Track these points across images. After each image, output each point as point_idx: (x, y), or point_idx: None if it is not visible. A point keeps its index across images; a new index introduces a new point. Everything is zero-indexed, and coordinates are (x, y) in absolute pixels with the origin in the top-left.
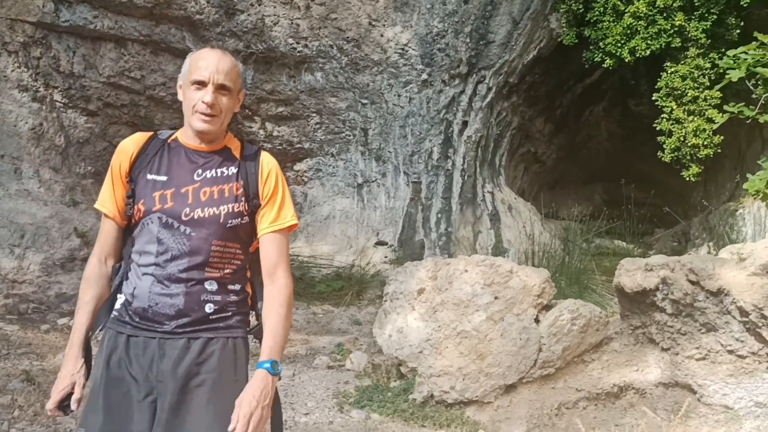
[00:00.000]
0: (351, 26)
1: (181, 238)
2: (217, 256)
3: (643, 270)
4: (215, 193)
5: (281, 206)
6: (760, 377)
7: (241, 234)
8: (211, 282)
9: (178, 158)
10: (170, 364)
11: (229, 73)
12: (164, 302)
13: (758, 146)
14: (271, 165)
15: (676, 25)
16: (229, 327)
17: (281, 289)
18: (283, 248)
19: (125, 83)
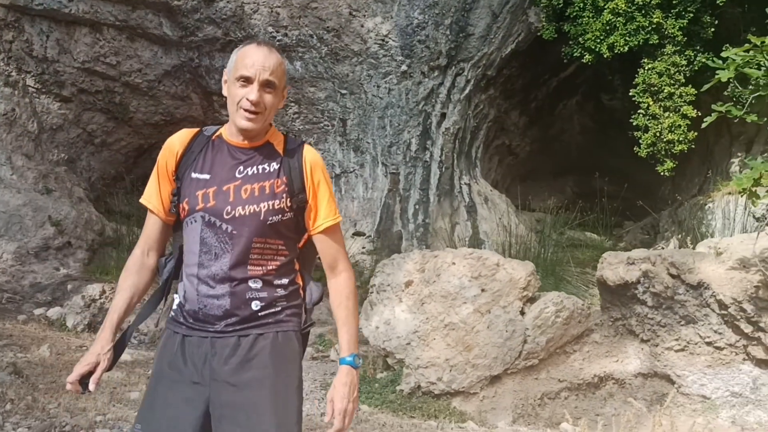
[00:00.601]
0: (331, 16)
1: (223, 236)
2: (258, 252)
3: (626, 263)
4: (256, 190)
5: (330, 200)
6: (736, 368)
7: (284, 230)
8: (255, 280)
9: (221, 155)
10: (221, 361)
11: (275, 70)
12: (212, 303)
13: (726, 142)
14: (314, 159)
15: (654, 22)
16: (279, 321)
17: (346, 282)
18: (340, 242)
19: (100, 69)
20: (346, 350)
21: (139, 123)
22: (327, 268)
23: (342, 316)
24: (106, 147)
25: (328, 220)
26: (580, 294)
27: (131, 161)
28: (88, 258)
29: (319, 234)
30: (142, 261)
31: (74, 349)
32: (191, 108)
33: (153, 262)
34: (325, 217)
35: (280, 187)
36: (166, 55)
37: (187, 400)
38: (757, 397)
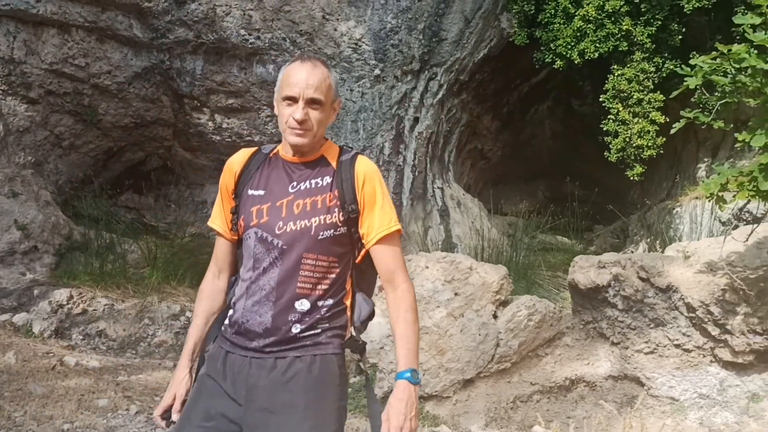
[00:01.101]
0: (304, 19)
1: (274, 251)
2: (309, 269)
3: (596, 267)
4: (308, 205)
5: (384, 211)
6: (704, 370)
7: (336, 246)
8: (302, 302)
9: (277, 172)
10: (257, 383)
11: (319, 86)
12: (254, 319)
13: (693, 147)
14: (367, 169)
15: (623, 29)
16: (317, 344)
17: (404, 296)
18: (398, 253)
19: (69, 71)
20: (403, 365)
21: (109, 125)
22: (385, 282)
23: (400, 331)
24: (75, 150)
25: (383, 229)
26: (552, 297)
27: (100, 164)
28: (56, 263)
29: (375, 245)
30: (214, 285)
31: (41, 356)
32: (162, 110)
33: (224, 284)
34: (379, 226)
35: (332, 201)
36: (137, 57)
37: (224, 416)
38: (724, 398)
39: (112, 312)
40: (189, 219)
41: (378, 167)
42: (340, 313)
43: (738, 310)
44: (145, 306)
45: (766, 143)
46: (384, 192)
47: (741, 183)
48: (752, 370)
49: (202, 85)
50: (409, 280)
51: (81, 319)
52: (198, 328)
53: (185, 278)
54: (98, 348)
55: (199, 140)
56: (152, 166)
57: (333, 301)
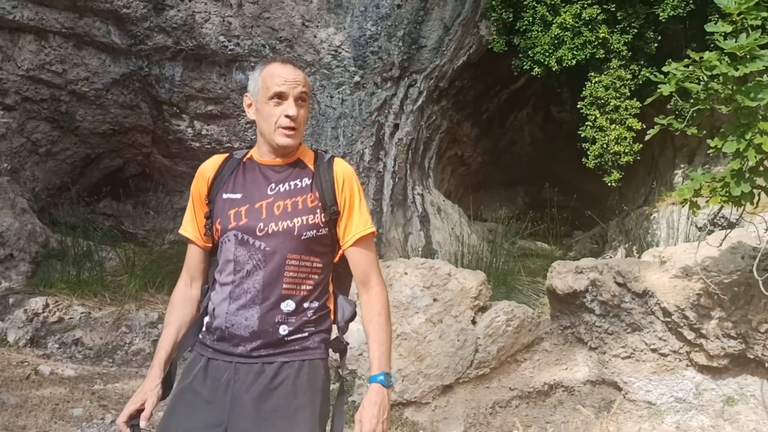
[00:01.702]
0: (284, 26)
1: (256, 253)
2: (293, 270)
3: (574, 272)
4: (289, 206)
5: (361, 213)
6: (680, 374)
7: (318, 246)
8: (287, 303)
9: (253, 175)
10: (244, 389)
11: (305, 83)
12: (239, 323)
13: (670, 153)
14: (346, 172)
15: (600, 37)
16: (305, 349)
17: (377, 297)
18: (372, 255)
19: (46, 77)
20: (376, 368)
21: (86, 132)
22: (359, 283)
23: (373, 333)
24: (52, 156)
25: (359, 231)
26: (531, 303)
27: (78, 171)
28: (32, 271)
29: (351, 247)
30: (186, 293)
31: (15, 365)
32: (140, 117)
33: (197, 293)
34: (356, 228)
35: (314, 202)
36: (115, 64)
37: (206, 425)
38: (700, 402)
39: (88, 320)
40: (168, 226)
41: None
42: (325, 317)
43: (713, 314)
44: (123, 314)
45: (738, 149)
46: (361, 194)
47: (714, 189)
48: (727, 373)
49: (181, 92)
50: (383, 282)
51: (57, 328)
52: (170, 336)
53: (164, 286)
54: (74, 357)
55: (179, 147)
56: (131, 173)
57: (318, 304)
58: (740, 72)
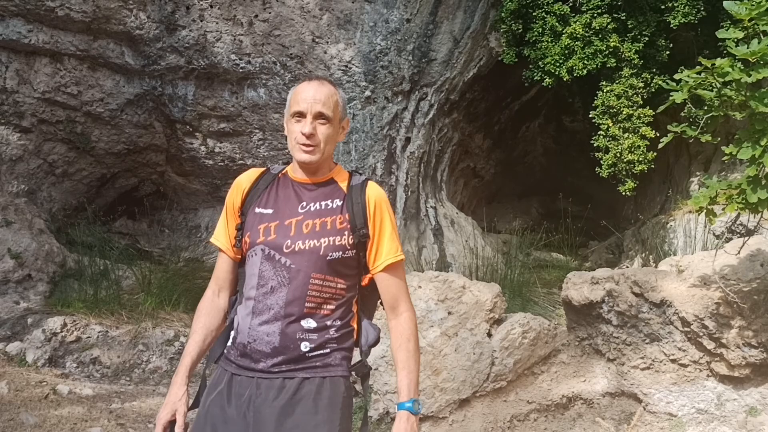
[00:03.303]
0: (294, 43)
1: (281, 270)
2: (316, 289)
3: (590, 283)
4: (317, 226)
5: (392, 239)
6: (701, 384)
7: (343, 268)
8: (308, 320)
9: (286, 192)
10: (266, 404)
11: (326, 102)
12: (261, 339)
13: (685, 161)
14: (378, 196)
15: (611, 46)
16: (327, 365)
17: (407, 323)
18: (402, 281)
19: (61, 99)
20: (405, 395)
21: (102, 152)
22: (388, 308)
23: (402, 359)
24: (68, 177)
25: (390, 258)
26: (547, 314)
27: (93, 191)
28: (50, 290)
29: (380, 272)
30: (213, 302)
31: (33, 385)
32: (154, 136)
33: (224, 303)
34: (387, 254)
35: (343, 223)
36: (129, 84)
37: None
38: (722, 413)
39: (106, 339)
40: (183, 244)
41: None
42: (348, 335)
43: (732, 323)
44: (140, 332)
45: (753, 156)
46: (392, 220)
47: (730, 196)
48: (749, 383)
49: (194, 110)
50: (412, 308)
51: (75, 347)
52: (196, 343)
53: (179, 303)
54: (92, 376)
55: (192, 165)
56: (145, 192)
57: (341, 323)
58: (753, 78)
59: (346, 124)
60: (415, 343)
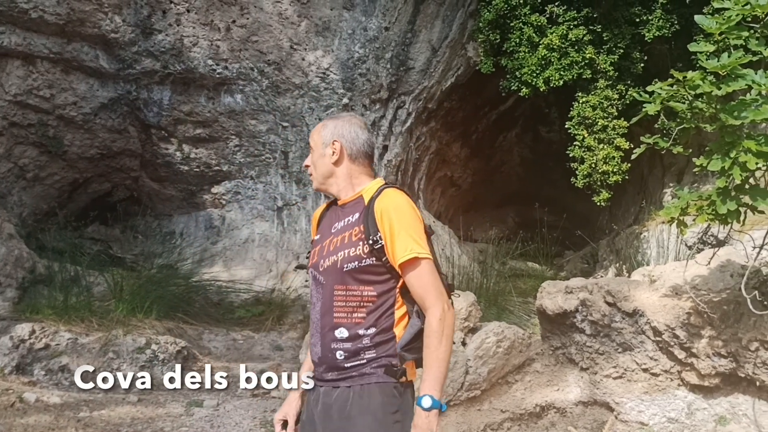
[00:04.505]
0: (272, 49)
1: (318, 287)
2: (341, 299)
3: (564, 292)
4: (338, 241)
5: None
6: (672, 394)
7: (367, 276)
8: (340, 330)
9: (329, 216)
10: (319, 411)
11: (313, 135)
12: (313, 351)
13: (659, 173)
14: (384, 202)
15: (587, 57)
16: (363, 374)
17: (429, 320)
18: (422, 278)
19: (33, 102)
20: (420, 390)
21: (74, 157)
22: (419, 306)
23: (425, 356)
24: (39, 181)
25: (402, 256)
26: (522, 323)
27: (65, 196)
28: (18, 297)
29: (403, 273)
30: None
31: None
32: (129, 141)
33: None
34: (399, 255)
35: (358, 235)
36: (103, 88)
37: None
38: (692, 422)
39: (75, 346)
40: (157, 250)
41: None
42: (387, 342)
43: (703, 333)
44: (110, 339)
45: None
46: (403, 221)
47: (700, 207)
48: (719, 392)
49: (169, 115)
50: (438, 302)
51: (43, 354)
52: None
53: (152, 310)
54: (61, 383)
55: (167, 170)
56: (119, 197)
57: (376, 330)
58: (723, 91)
59: (334, 144)
60: (436, 339)
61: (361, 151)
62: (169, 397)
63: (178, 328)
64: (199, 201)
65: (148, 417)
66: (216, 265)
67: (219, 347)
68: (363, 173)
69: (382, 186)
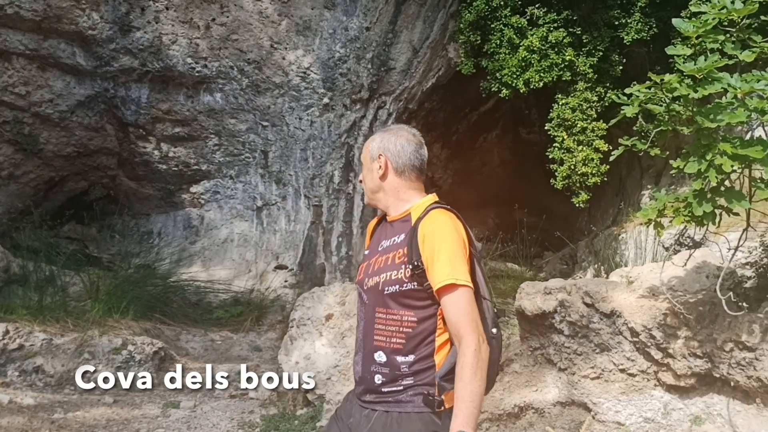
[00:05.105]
0: (252, 48)
1: (362, 305)
2: (381, 323)
3: (543, 293)
4: (382, 262)
5: (440, 265)
6: (648, 394)
7: (407, 300)
8: (379, 353)
9: (379, 232)
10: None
11: (364, 149)
12: (356, 369)
13: (637, 174)
14: (428, 225)
15: (567, 59)
16: (399, 401)
17: (462, 351)
18: (457, 306)
19: (8, 99)
20: (453, 426)
21: (50, 155)
22: (452, 334)
23: (457, 389)
24: (14, 180)
25: (438, 283)
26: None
27: (41, 194)
28: None
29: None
30: None
31: None
32: (106, 139)
33: None
34: (436, 281)
35: (401, 258)
36: (80, 86)
37: None
38: (668, 422)
39: (50, 347)
40: (134, 250)
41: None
42: (425, 370)
43: (679, 333)
44: (85, 340)
45: (699, 170)
46: (441, 247)
47: (677, 209)
48: (694, 393)
49: (147, 114)
50: (471, 333)
51: (17, 355)
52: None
53: (129, 311)
54: (35, 385)
55: (145, 169)
56: (96, 196)
57: (414, 358)
58: (699, 94)
59: (381, 159)
60: (470, 372)
61: (408, 165)
62: (146, 398)
63: (155, 328)
64: (178, 200)
65: (123, 418)
66: (194, 265)
67: (197, 348)
68: (411, 188)
69: (430, 206)
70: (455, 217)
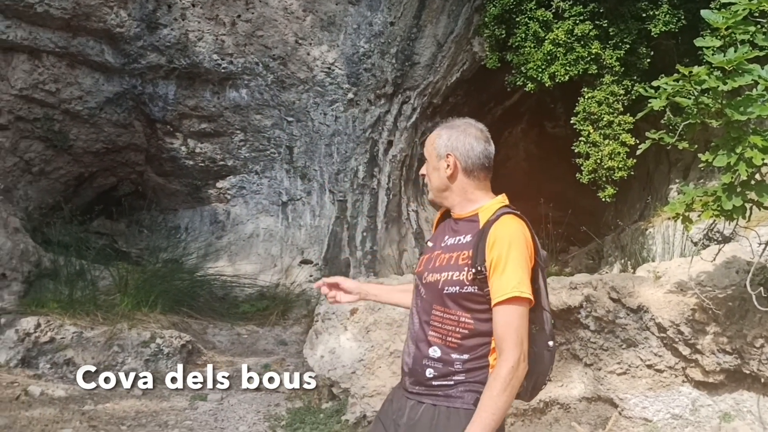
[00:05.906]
0: (277, 44)
1: (418, 298)
2: (438, 320)
3: (568, 288)
4: (445, 260)
5: (505, 276)
6: (676, 390)
7: (467, 302)
8: (434, 348)
9: (443, 227)
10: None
11: (427, 144)
12: (405, 360)
13: (665, 168)
14: (500, 232)
15: (593, 53)
16: (448, 396)
17: (500, 364)
18: (508, 321)
19: (39, 96)
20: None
21: (80, 151)
22: (496, 344)
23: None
24: (45, 176)
25: (497, 296)
26: None
27: (71, 190)
28: (24, 290)
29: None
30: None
31: (5, 386)
32: (134, 136)
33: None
34: (495, 293)
35: (465, 260)
36: (108, 83)
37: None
38: (697, 418)
39: (80, 340)
40: (162, 245)
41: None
42: (478, 369)
43: (708, 329)
44: (115, 333)
45: (728, 163)
46: (510, 257)
47: (706, 203)
48: (723, 389)
49: (174, 110)
50: (515, 347)
51: (49, 348)
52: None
53: (157, 304)
54: (66, 377)
55: (172, 165)
56: (124, 192)
57: (469, 356)
58: (729, 86)
59: (448, 158)
60: (500, 384)
61: (477, 165)
62: (174, 391)
63: (183, 322)
64: (204, 196)
65: (152, 410)
66: (221, 259)
67: (223, 342)
68: (479, 188)
69: (500, 210)
70: (525, 225)
